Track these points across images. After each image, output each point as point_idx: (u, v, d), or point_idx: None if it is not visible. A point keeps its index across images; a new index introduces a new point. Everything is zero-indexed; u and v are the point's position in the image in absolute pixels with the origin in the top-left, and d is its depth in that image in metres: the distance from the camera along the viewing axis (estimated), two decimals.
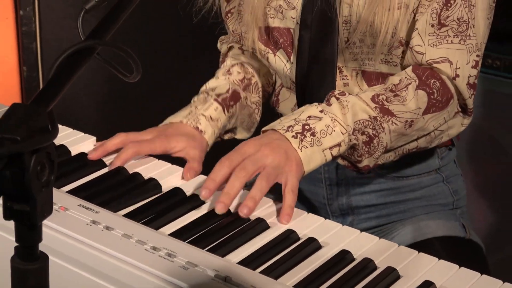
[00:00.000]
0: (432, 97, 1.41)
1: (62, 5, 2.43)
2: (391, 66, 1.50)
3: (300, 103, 1.57)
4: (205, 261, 1.09)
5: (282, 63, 1.58)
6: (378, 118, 1.37)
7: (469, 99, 1.45)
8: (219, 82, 1.62)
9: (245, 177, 1.27)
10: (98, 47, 0.90)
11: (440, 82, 1.42)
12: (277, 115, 1.69)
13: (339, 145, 1.35)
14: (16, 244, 0.77)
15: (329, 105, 1.37)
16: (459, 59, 1.43)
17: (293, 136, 1.32)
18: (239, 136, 1.69)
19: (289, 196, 1.27)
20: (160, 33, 2.53)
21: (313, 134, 1.34)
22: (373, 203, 1.65)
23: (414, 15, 1.46)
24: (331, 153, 1.34)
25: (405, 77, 1.42)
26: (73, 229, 1.15)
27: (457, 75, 1.43)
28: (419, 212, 1.63)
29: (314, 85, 1.55)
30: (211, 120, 1.54)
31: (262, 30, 1.58)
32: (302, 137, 1.33)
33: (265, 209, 1.30)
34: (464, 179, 1.72)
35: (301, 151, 1.32)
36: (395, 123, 1.38)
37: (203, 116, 1.53)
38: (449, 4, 1.42)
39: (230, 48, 1.72)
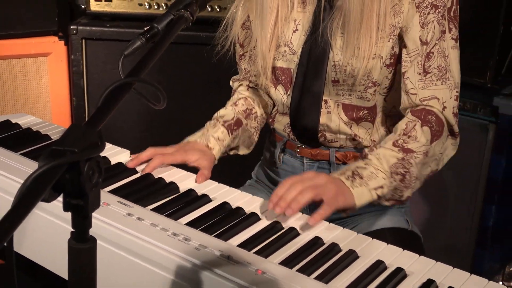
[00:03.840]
0: (433, 129, 1.47)
1: (104, 52, 2.51)
2: (364, 101, 1.56)
3: (292, 123, 1.65)
4: (213, 244, 1.16)
5: (281, 95, 1.65)
6: (404, 157, 1.43)
7: (455, 125, 1.52)
8: (227, 112, 1.70)
9: (307, 199, 1.30)
10: (134, 83, 0.97)
11: (435, 116, 1.48)
12: (271, 131, 1.77)
13: (381, 187, 1.40)
14: (72, 230, 0.82)
15: (369, 158, 1.43)
16: (443, 95, 1.49)
17: (346, 179, 1.38)
18: (241, 152, 1.76)
19: (323, 209, 1.30)
20: (184, 71, 2.54)
21: (361, 177, 1.39)
22: None
23: (391, 66, 1.53)
24: (376, 193, 1.39)
25: (409, 121, 1.48)
26: (113, 219, 1.21)
27: (445, 108, 1.49)
28: (373, 209, 1.64)
29: (304, 111, 1.61)
30: (218, 140, 1.62)
31: (269, 70, 1.63)
32: (353, 180, 1.38)
33: (258, 207, 1.37)
34: None
35: (353, 189, 1.36)
36: (417, 157, 1.44)
37: (212, 137, 1.61)
38: (429, 57, 1.48)
39: (239, 85, 1.79)
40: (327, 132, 1.62)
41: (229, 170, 1.84)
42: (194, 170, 1.53)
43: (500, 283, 2.78)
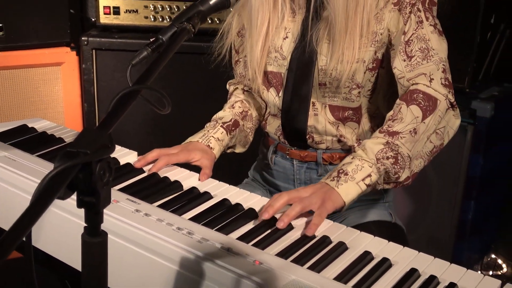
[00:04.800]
0: (421, 105, 1.42)
1: (112, 61, 2.51)
2: (349, 102, 1.56)
3: (283, 123, 1.65)
4: (214, 237, 1.16)
5: (273, 97, 1.65)
6: (389, 141, 1.40)
7: (449, 94, 1.46)
8: (225, 114, 1.71)
9: (297, 214, 1.29)
10: (141, 90, 0.97)
11: (422, 93, 1.44)
12: (264, 135, 1.77)
13: (369, 176, 1.37)
14: (85, 225, 0.82)
15: (355, 152, 1.42)
16: (431, 70, 1.45)
17: (331, 180, 1.37)
18: (237, 150, 1.77)
19: (316, 218, 1.28)
20: (186, 78, 2.55)
21: (346, 174, 1.37)
22: None
23: (373, 69, 1.52)
24: (364, 183, 1.37)
25: (396, 106, 1.46)
26: (122, 215, 1.21)
27: (432, 79, 1.45)
28: (360, 204, 1.64)
29: (294, 112, 1.62)
30: (218, 140, 1.63)
31: (261, 74, 1.64)
32: (338, 179, 1.37)
33: (255, 203, 1.37)
34: None
35: (338, 188, 1.35)
36: (403, 137, 1.40)
37: (212, 138, 1.63)
38: (409, 43, 1.47)
39: (235, 89, 1.81)
40: (315, 134, 1.62)
41: (228, 169, 1.84)
42: (196, 169, 1.54)
43: (479, 272, 2.79)
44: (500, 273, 2.88)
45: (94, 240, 0.83)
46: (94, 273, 0.85)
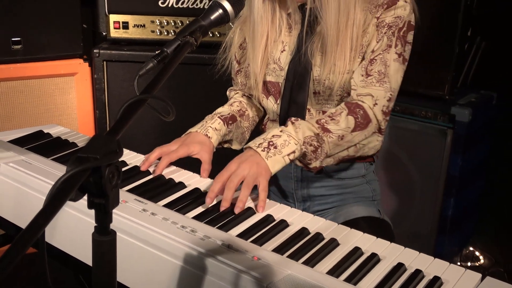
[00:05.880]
0: (357, 120, 1.44)
1: (122, 72, 2.50)
2: None
3: None
4: (215, 234, 1.15)
5: (271, 104, 1.65)
6: (320, 134, 1.41)
7: (382, 121, 1.48)
8: (224, 109, 1.70)
9: (234, 188, 1.31)
10: (148, 99, 0.96)
11: (363, 111, 1.46)
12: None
13: (293, 152, 1.38)
14: (95, 224, 0.82)
15: (286, 126, 1.42)
16: (378, 94, 1.47)
17: (262, 150, 1.37)
18: (234, 147, 1.74)
19: (262, 194, 1.32)
20: (189, 87, 2.53)
21: (275, 147, 1.37)
22: (323, 194, 1.68)
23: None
24: (288, 158, 1.38)
25: (340, 108, 1.47)
26: (130, 214, 1.20)
27: (376, 104, 1.47)
28: (351, 201, 1.68)
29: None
30: (216, 130, 1.61)
31: (261, 83, 1.64)
32: (268, 150, 1.36)
33: (253, 202, 1.35)
34: (379, 182, 1.76)
35: (267, 159, 1.36)
36: (331, 137, 1.42)
37: (210, 127, 1.60)
38: (372, 62, 1.48)
39: (236, 93, 1.79)
40: None
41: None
42: (197, 165, 1.51)
43: (458, 263, 2.78)
44: (477, 264, 2.88)
45: (104, 239, 0.82)
46: (104, 268, 0.84)
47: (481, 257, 2.90)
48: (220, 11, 1.29)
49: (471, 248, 2.94)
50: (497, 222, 3.03)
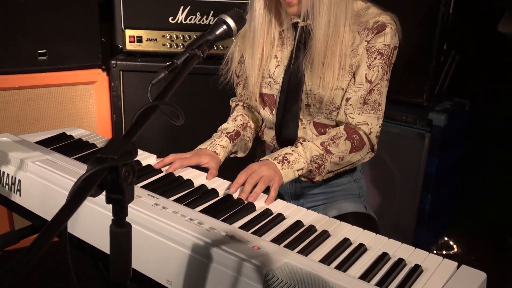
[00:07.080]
0: (353, 144, 1.50)
1: (136, 80, 2.49)
2: (330, 120, 1.57)
3: (277, 136, 1.65)
4: (220, 226, 1.14)
5: (268, 114, 1.64)
6: (324, 154, 1.46)
7: (375, 145, 1.55)
8: (229, 125, 1.69)
9: (253, 183, 1.36)
10: (160, 105, 0.95)
11: (359, 136, 1.51)
12: (261, 142, 1.75)
13: (302, 169, 1.44)
14: (113, 217, 0.82)
15: (297, 147, 1.46)
16: (372, 122, 1.52)
17: (277, 162, 1.41)
18: (239, 155, 1.73)
19: (273, 192, 1.35)
20: (196, 95, 2.53)
21: (288, 162, 1.43)
22: (315, 192, 1.68)
23: (344, 93, 1.52)
24: (298, 173, 1.44)
25: (339, 132, 1.50)
26: (144, 208, 1.19)
27: (371, 132, 1.53)
28: (340, 198, 1.68)
29: (285, 127, 1.62)
30: (223, 147, 1.61)
31: (257, 95, 1.64)
32: (282, 163, 1.42)
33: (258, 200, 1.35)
34: (365, 180, 1.77)
35: (282, 170, 1.41)
36: (333, 158, 1.48)
37: (218, 145, 1.60)
38: (370, 93, 1.49)
39: (237, 105, 1.79)
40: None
41: (230, 170, 1.82)
42: (205, 170, 1.52)
43: (434, 252, 2.77)
44: (451, 253, 2.87)
45: (120, 231, 0.82)
46: (120, 257, 0.83)
47: (454, 246, 2.90)
48: (225, 27, 1.29)
49: (446, 238, 2.93)
50: (469, 215, 3.04)
